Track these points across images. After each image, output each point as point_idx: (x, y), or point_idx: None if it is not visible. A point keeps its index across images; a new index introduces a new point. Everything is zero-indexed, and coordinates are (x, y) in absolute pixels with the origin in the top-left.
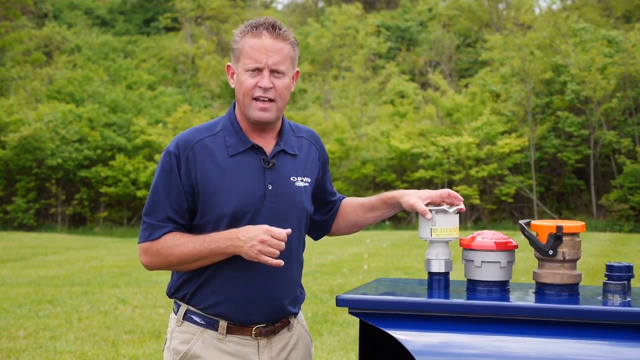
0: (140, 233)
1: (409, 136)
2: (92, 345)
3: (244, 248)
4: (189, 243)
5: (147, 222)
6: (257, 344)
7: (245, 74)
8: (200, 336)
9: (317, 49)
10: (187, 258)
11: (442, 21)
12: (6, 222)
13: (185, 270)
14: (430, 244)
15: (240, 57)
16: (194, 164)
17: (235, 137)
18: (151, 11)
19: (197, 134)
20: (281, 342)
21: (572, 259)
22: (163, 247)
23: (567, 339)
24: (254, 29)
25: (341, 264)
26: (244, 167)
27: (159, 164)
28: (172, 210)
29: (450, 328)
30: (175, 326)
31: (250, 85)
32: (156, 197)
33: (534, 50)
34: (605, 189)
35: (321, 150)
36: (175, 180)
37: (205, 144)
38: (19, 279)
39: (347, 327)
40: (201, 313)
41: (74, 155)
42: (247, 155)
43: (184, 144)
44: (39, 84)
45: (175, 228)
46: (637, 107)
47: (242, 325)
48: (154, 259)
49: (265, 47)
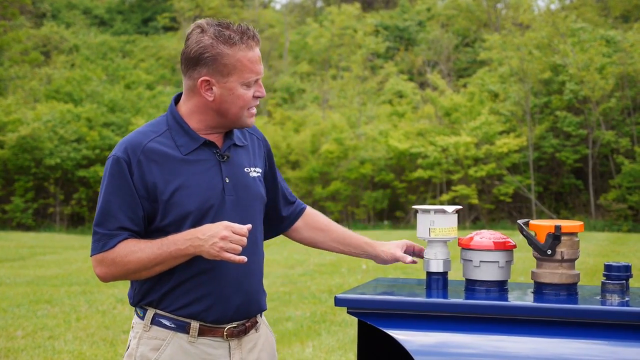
0: (92, 245)
1: (408, 136)
2: (91, 344)
3: (205, 247)
4: (146, 248)
5: (100, 232)
6: (228, 345)
7: (242, 88)
8: (170, 340)
9: (315, 48)
10: (145, 264)
11: (440, 21)
12: (4, 222)
13: (144, 278)
14: (428, 244)
15: (234, 71)
16: (148, 167)
17: (185, 136)
18: (149, 11)
19: (144, 136)
20: (250, 342)
21: (571, 258)
22: (119, 256)
23: (565, 338)
24: (241, 39)
25: (339, 263)
26: (200, 164)
27: (106, 171)
28: (127, 217)
29: (449, 328)
30: (143, 331)
31: (250, 98)
32: (107, 206)
33: (533, 50)
34: (604, 189)
35: (263, 139)
36: (127, 186)
37: (154, 146)
38: (17, 279)
39: (346, 327)
40: (171, 316)
41: (73, 155)
42: (201, 151)
43: (132, 148)
44: (37, 83)
45: (130, 235)
46: (636, 107)
47: (214, 324)
48: (109, 269)
49: (257, 57)
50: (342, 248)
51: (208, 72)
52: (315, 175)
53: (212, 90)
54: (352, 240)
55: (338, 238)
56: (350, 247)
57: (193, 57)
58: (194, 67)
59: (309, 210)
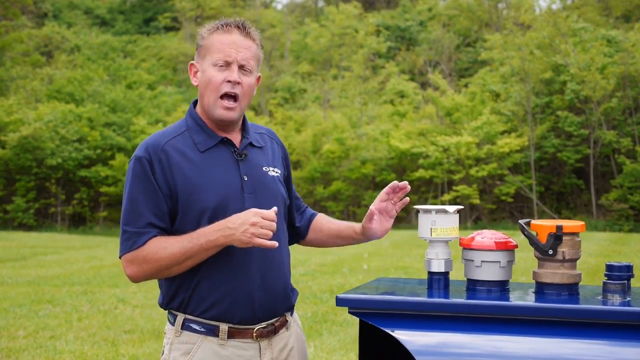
0: (122, 245)
1: (409, 136)
2: (92, 345)
3: (236, 235)
4: (176, 243)
5: (129, 230)
6: (259, 346)
7: (213, 68)
8: (200, 344)
9: (316, 48)
10: (177, 259)
11: (441, 21)
12: (6, 222)
13: (175, 274)
14: (430, 244)
15: (208, 53)
16: (168, 165)
17: (202, 134)
18: (151, 11)
19: (163, 136)
20: (281, 342)
21: (572, 258)
22: (150, 253)
23: (567, 338)
24: (224, 26)
25: (341, 263)
26: (218, 161)
27: (129, 172)
28: (153, 214)
29: (450, 328)
30: (174, 337)
31: (219, 80)
32: (134, 204)
33: (534, 49)
34: (605, 189)
35: (281, 145)
36: (151, 184)
37: (174, 145)
38: (18, 279)
39: (347, 327)
40: (200, 320)
41: (74, 155)
42: (218, 149)
43: (153, 148)
44: (38, 83)
45: (158, 232)
46: (637, 107)
47: (242, 325)
48: (141, 267)
49: (235, 42)
50: (340, 242)
51: (195, 58)
52: (316, 175)
53: (197, 76)
54: (342, 232)
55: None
56: (345, 240)
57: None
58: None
59: (316, 217)
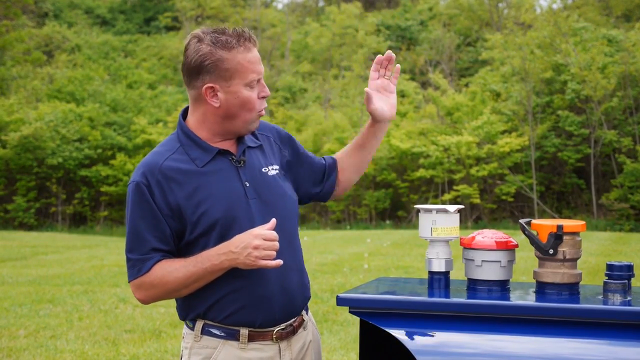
0: (128, 271)
1: (410, 135)
2: (93, 344)
3: (240, 259)
4: (182, 267)
5: (133, 258)
6: (278, 347)
7: (245, 89)
8: (221, 349)
9: (317, 48)
10: (183, 282)
11: (442, 20)
12: (6, 222)
13: (185, 295)
14: (430, 243)
15: (236, 75)
16: (168, 186)
17: (197, 148)
18: (151, 10)
19: (159, 156)
20: (299, 342)
21: (573, 258)
22: (157, 278)
23: (567, 338)
24: (239, 42)
25: (341, 263)
26: (218, 174)
27: (128, 198)
28: (156, 238)
29: (451, 327)
30: (194, 342)
31: (255, 99)
32: (135, 230)
33: (535, 49)
34: (606, 188)
35: (272, 132)
36: (151, 209)
37: (171, 164)
38: (19, 278)
39: (348, 327)
40: (220, 325)
41: (75, 154)
42: (216, 161)
43: (150, 170)
44: (39, 83)
45: (162, 256)
46: (638, 107)
47: (263, 328)
48: (149, 292)
49: (256, 57)
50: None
51: (211, 79)
52: None
53: (218, 96)
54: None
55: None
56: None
57: (194, 66)
58: (196, 76)
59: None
